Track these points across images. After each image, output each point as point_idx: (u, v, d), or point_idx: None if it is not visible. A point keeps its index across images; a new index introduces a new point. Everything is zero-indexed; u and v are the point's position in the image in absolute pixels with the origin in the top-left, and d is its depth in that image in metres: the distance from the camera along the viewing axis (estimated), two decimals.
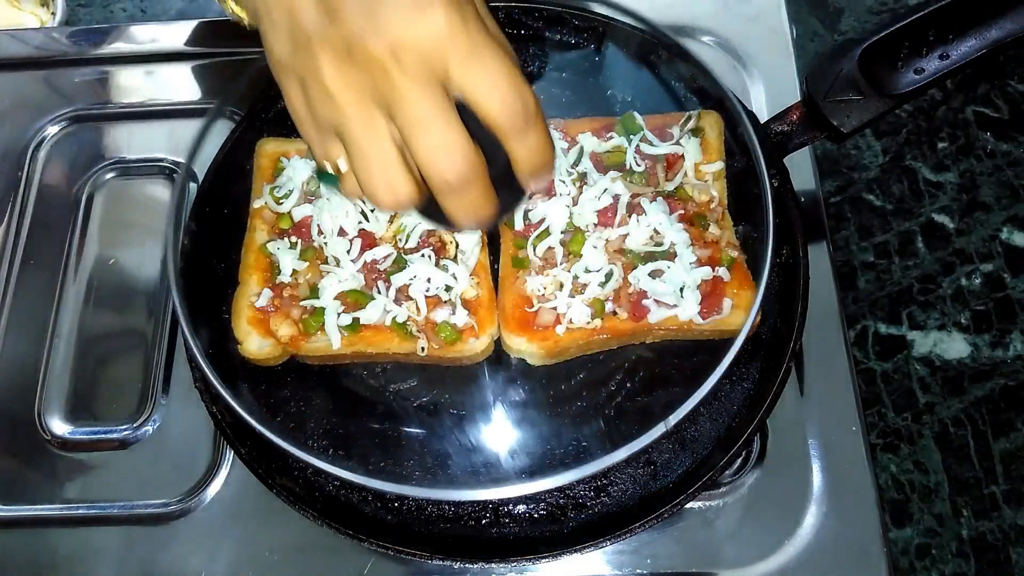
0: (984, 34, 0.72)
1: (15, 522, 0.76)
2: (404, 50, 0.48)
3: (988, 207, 0.94)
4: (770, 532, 0.73)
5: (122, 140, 0.93)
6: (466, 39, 0.49)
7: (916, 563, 0.80)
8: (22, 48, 0.98)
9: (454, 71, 0.49)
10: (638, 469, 0.69)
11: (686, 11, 0.96)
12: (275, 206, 0.75)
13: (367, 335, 0.71)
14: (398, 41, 0.48)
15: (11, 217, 0.89)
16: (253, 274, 0.73)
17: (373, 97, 0.50)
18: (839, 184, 0.96)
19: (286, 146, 0.78)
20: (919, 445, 0.84)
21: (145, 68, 0.96)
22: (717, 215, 0.74)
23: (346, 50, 0.49)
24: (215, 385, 0.70)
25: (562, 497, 0.69)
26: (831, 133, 0.74)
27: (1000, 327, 0.89)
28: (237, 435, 0.69)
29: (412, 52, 0.48)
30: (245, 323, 0.71)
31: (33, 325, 0.83)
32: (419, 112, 0.49)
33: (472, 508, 0.68)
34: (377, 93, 0.49)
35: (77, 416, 0.80)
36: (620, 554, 0.73)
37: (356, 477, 0.62)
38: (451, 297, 0.71)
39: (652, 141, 0.76)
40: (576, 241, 0.71)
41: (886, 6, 1.06)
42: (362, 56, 0.49)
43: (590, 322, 0.70)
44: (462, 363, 0.73)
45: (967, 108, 0.98)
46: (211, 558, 0.74)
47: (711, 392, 0.71)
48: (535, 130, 0.52)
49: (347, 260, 0.71)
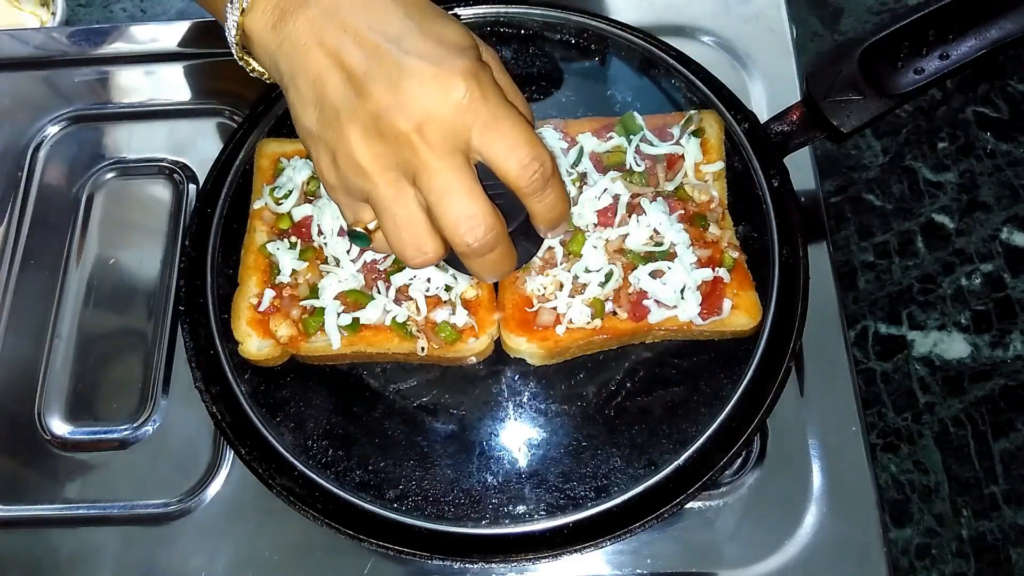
0: (984, 34, 0.73)
1: (15, 522, 0.76)
2: (428, 124, 0.52)
3: (988, 207, 0.94)
4: (770, 532, 0.73)
5: (122, 140, 0.93)
6: (485, 109, 0.52)
7: (916, 563, 0.80)
8: (22, 48, 0.98)
9: (475, 140, 0.53)
10: (638, 469, 0.69)
11: (686, 11, 0.96)
12: (275, 207, 0.75)
13: (367, 335, 0.71)
14: (423, 116, 0.52)
15: (11, 217, 0.89)
16: (253, 275, 0.73)
17: (400, 168, 0.53)
18: (839, 184, 0.96)
19: (286, 146, 0.78)
20: (919, 445, 0.84)
21: (145, 68, 0.96)
22: (717, 215, 0.74)
23: (374, 125, 0.52)
24: (216, 386, 0.70)
25: (562, 497, 0.69)
26: (831, 133, 0.74)
27: (1000, 327, 0.89)
28: (237, 435, 0.69)
29: (436, 126, 0.52)
30: (245, 324, 0.71)
31: (33, 325, 0.83)
32: (443, 183, 0.53)
33: (472, 508, 0.68)
34: (404, 164, 0.53)
35: (77, 416, 0.80)
36: (620, 554, 0.73)
37: (358, 500, 0.66)
38: (451, 297, 0.71)
39: (652, 141, 0.76)
40: (576, 241, 0.71)
41: (886, 6, 1.06)
42: (389, 131, 0.52)
43: (590, 322, 0.70)
44: (462, 363, 0.73)
45: (967, 108, 0.98)
46: (211, 558, 0.74)
47: (711, 392, 0.72)
48: (552, 188, 0.56)
49: (347, 260, 0.71)
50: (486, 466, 0.70)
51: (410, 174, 0.53)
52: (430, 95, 0.51)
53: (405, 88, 0.51)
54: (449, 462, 0.70)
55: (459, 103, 0.51)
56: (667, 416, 0.71)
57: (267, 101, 0.81)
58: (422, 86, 0.51)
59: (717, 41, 0.94)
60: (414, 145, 0.52)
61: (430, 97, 0.51)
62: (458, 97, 0.51)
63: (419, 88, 0.51)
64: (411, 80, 0.51)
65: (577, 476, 0.69)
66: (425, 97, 0.51)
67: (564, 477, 0.69)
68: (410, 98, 0.51)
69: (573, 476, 0.69)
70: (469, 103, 0.52)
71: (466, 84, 0.52)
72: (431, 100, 0.51)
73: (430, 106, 0.51)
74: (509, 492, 0.69)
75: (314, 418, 0.72)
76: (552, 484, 0.69)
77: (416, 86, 0.51)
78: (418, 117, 0.51)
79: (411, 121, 0.51)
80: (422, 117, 0.51)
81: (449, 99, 0.51)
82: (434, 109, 0.51)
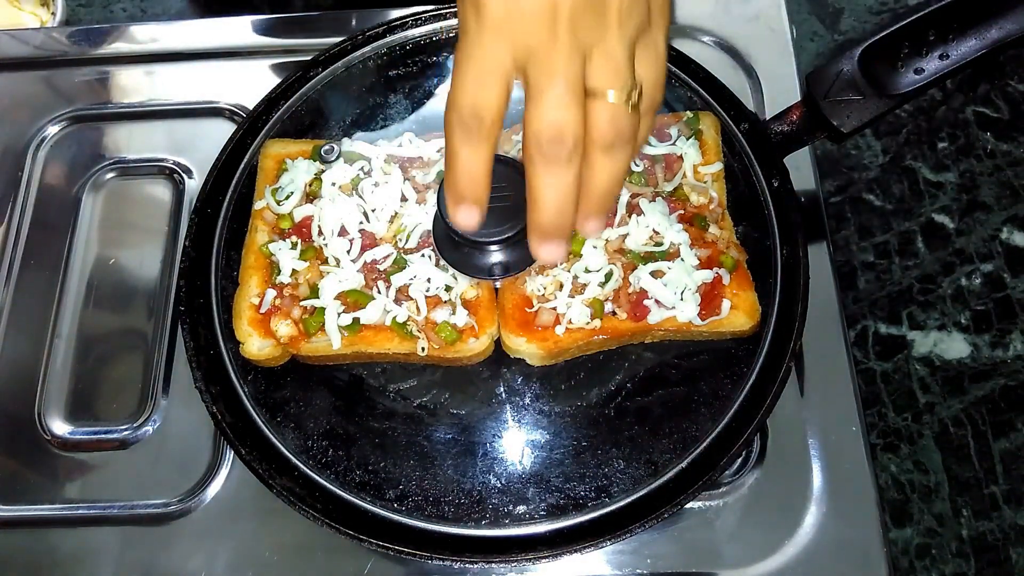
0: (984, 34, 0.73)
1: (15, 522, 0.76)
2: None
3: (988, 207, 0.94)
4: (770, 532, 0.73)
5: (122, 140, 0.93)
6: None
7: (916, 563, 0.80)
8: (22, 48, 0.98)
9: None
10: (638, 469, 0.69)
11: (686, 11, 0.96)
12: (276, 207, 0.75)
13: (367, 335, 0.71)
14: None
15: (11, 217, 0.89)
16: (253, 275, 0.73)
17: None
18: (839, 184, 0.96)
19: (290, 147, 0.78)
20: (919, 445, 0.84)
21: (145, 68, 0.96)
22: (717, 216, 0.74)
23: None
24: (216, 386, 0.70)
25: (562, 497, 0.69)
26: (831, 133, 0.74)
27: (1000, 327, 0.89)
28: (238, 435, 0.69)
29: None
30: (246, 324, 0.71)
31: (33, 325, 0.84)
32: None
33: (472, 509, 0.68)
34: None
35: (77, 416, 0.80)
36: (620, 554, 0.73)
37: (361, 501, 0.65)
38: (451, 297, 0.71)
39: (650, 141, 0.76)
40: (576, 241, 0.71)
41: (886, 6, 1.06)
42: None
43: (589, 323, 0.70)
44: (462, 363, 0.73)
45: (967, 108, 0.98)
46: (211, 558, 0.74)
47: (711, 392, 0.72)
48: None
49: (347, 260, 0.71)
50: (486, 466, 0.70)
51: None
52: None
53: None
54: (449, 462, 0.70)
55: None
56: (667, 416, 0.71)
57: (267, 102, 0.81)
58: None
59: (717, 41, 0.94)
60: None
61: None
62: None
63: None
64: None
65: (577, 476, 0.69)
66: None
67: (564, 477, 0.69)
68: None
69: (573, 476, 0.69)
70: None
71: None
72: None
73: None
74: (509, 492, 0.69)
75: (314, 418, 0.72)
76: (552, 484, 0.69)
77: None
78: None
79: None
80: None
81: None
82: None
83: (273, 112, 0.80)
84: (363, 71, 0.83)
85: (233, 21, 0.97)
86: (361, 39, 0.82)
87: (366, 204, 0.73)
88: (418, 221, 0.72)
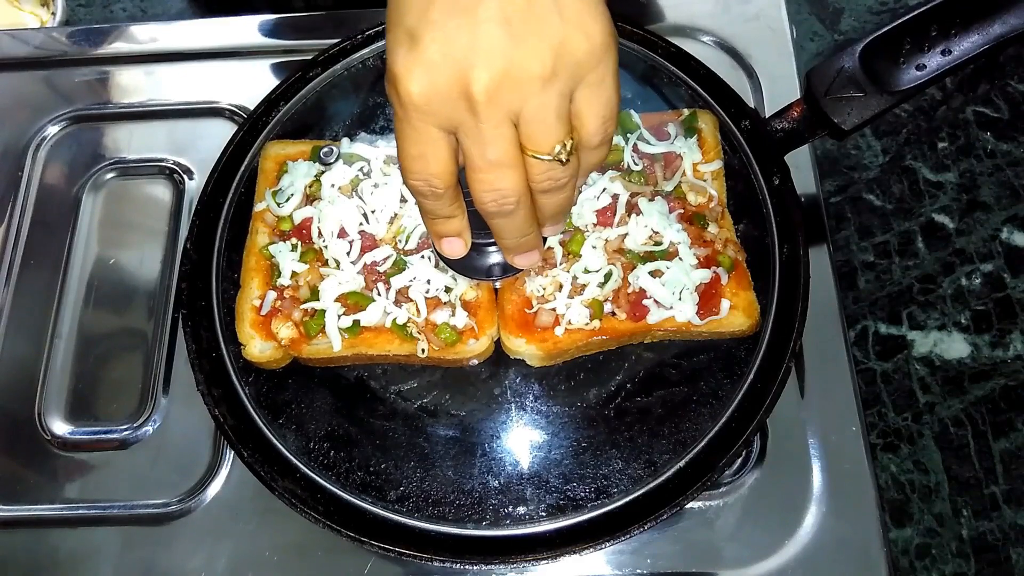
0: (987, 29, 0.72)
1: (15, 522, 0.76)
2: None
3: (988, 207, 0.94)
4: (770, 532, 0.73)
5: (122, 140, 0.93)
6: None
7: (916, 563, 0.80)
8: (22, 48, 0.98)
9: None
10: (638, 469, 0.69)
11: (685, 11, 0.95)
12: (276, 208, 0.75)
13: (367, 337, 0.71)
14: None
15: (11, 217, 0.89)
16: (254, 277, 0.73)
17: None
18: (839, 184, 0.96)
19: (290, 148, 0.78)
20: (919, 445, 0.84)
21: (145, 68, 0.96)
22: (717, 214, 0.74)
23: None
24: (218, 388, 0.70)
25: (562, 498, 0.69)
26: (832, 130, 0.74)
27: (1000, 327, 0.89)
28: (240, 438, 0.69)
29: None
30: (248, 326, 0.71)
31: (33, 325, 0.83)
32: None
33: (473, 509, 0.68)
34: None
35: (77, 416, 0.80)
36: (620, 554, 0.73)
37: (364, 502, 0.66)
38: (451, 298, 0.71)
39: (648, 140, 0.76)
40: (575, 241, 0.71)
41: (886, 6, 1.06)
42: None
43: (589, 323, 0.70)
44: (462, 364, 0.73)
45: (967, 108, 0.98)
46: (211, 558, 0.74)
47: (711, 392, 0.71)
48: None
49: (347, 262, 0.71)
50: (487, 467, 0.70)
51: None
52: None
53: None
54: (450, 463, 0.70)
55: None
56: (667, 416, 0.71)
57: (267, 103, 0.81)
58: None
59: (717, 41, 0.94)
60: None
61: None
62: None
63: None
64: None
65: (577, 477, 0.69)
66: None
67: (564, 478, 0.69)
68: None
69: (573, 477, 0.69)
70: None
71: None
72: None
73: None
74: (510, 493, 0.69)
75: (316, 420, 0.72)
76: (552, 485, 0.69)
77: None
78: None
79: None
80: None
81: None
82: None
83: (273, 113, 0.80)
84: (363, 71, 0.83)
85: (233, 21, 0.97)
86: (361, 39, 0.82)
87: (366, 205, 0.73)
88: (418, 222, 0.72)
